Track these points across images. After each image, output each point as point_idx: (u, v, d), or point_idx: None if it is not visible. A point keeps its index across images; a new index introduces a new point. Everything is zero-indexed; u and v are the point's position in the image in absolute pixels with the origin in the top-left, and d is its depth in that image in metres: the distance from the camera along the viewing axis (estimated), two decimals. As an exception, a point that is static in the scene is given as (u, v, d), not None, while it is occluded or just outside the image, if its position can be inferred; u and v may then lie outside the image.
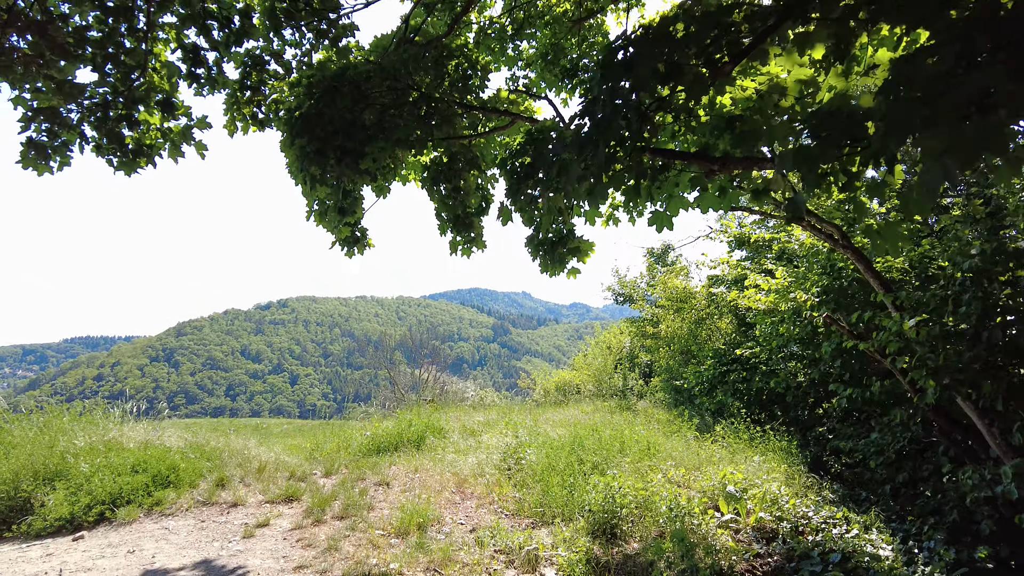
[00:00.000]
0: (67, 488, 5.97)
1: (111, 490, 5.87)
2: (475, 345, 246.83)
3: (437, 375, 45.39)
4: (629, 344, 26.53)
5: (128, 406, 9.52)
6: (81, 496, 5.82)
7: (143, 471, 6.20)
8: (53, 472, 6.25)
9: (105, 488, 5.86)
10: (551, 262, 5.11)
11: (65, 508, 5.70)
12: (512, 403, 25.49)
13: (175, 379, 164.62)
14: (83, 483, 5.99)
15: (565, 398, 25.73)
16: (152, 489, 6.08)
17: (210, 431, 24.37)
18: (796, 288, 9.28)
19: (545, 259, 5.14)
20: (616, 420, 11.36)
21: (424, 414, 11.14)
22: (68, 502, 5.80)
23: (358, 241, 6.48)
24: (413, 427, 9.39)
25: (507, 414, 12.73)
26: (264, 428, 25.51)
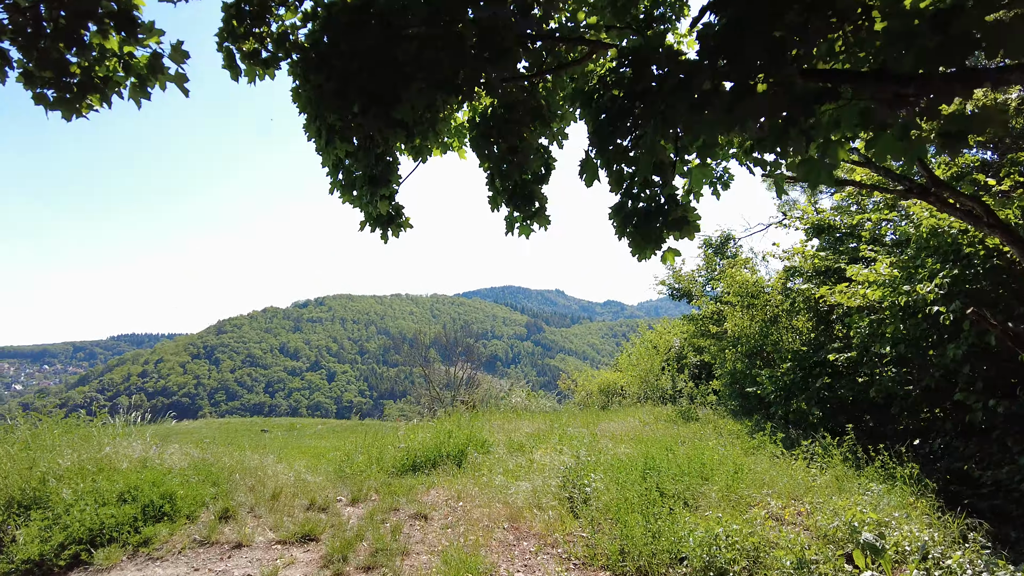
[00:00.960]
0: (43, 520, 4.92)
1: (91, 525, 4.77)
2: (508, 343, 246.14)
3: (472, 373, 44.43)
4: (679, 343, 24.91)
5: (131, 416, 8.53)
6: (55, 532, 4.75)
7: (132, 500, 5.10)
8: (31, 498, 5.22)
9: (84, 522, 4.78)
10: (644, 240, 3.76)
11: (35, 547, 4.64)
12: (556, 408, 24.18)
13: (216, 376, 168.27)
14: (61, 514, 4.93)
15: (608, 400, 24.28)
16: (141, 524, 4.97)
17: (243, 431, 23.70)
18: (905, 279, 7.71)
19: (637, 236, 3.79)
20: (683, 432, 9.93)
21: (464, 423, 9.90)
22: (40, 539, 4.74)
23: (393, 220, 5.22)
24: (453, 439, 8.16)
25: (556, 422, 11.41)
26: (297, 428, 24.76)
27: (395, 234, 5.33)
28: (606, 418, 12.60)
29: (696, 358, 25.32)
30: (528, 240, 5.01)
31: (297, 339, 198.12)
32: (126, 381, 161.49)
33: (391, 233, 5.32)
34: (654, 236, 3.81)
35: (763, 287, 12.15)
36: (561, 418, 11.97)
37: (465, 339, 47.43)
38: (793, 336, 12.13)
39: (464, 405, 24.47)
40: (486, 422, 10.69)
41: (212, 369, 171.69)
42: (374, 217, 5.15)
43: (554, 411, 14.51)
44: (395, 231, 5.31)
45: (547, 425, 10.97)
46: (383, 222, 5.21)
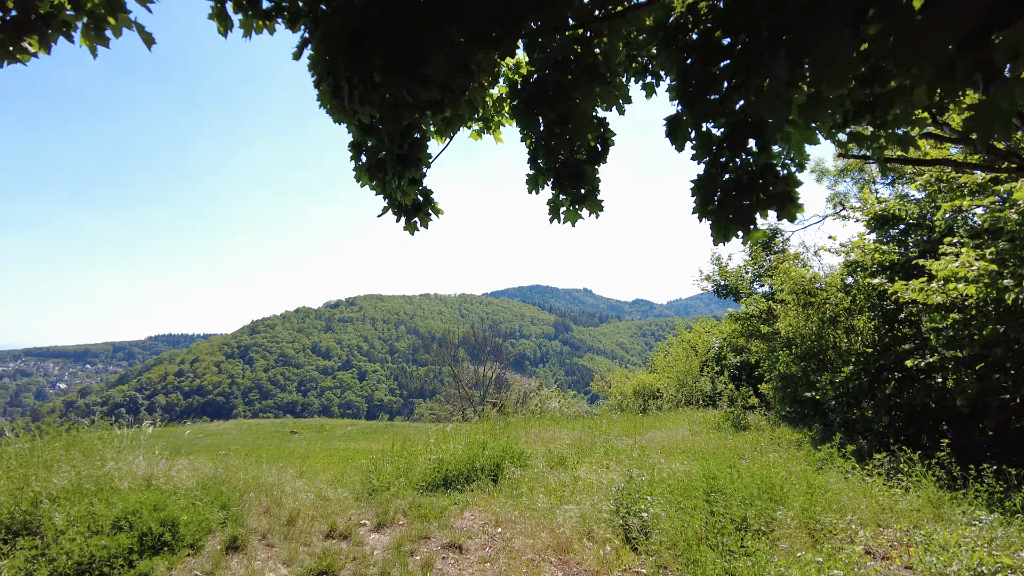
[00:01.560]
0: (31, 549, 4.36)
1: (80, 558, 4.17)
2: (537, 342, 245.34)
3: (500, 373, 43.85)
4: (718, 344, 23.83)
5: (144, 427, 8.02)
6: (41, 566, 4.18)
7: (128, 528, 4.50)
8: (21, 523, 4.68)
9: (73, 554, 4.19)
10: (733, 219, 2.97)
11: (20, 582, 4.09)
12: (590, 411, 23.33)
13: (249, 375, 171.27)
14: (51, 543, 4.37)
15: (644, 403, 23.33)
16: (136, 556, 4.36)
17: (272, 432, 23.45)
18: (1011, 272, 6.70)
19: (723, 215, 3.00)
20: (737, 443, 9.05)
21: (499, 431, 9.17)
22: (25, 572, 4.18)
23: (421, 209, 4.53)
24: (488, 451, 7.44)
25: (596, 430, 10.62)
26: (327, 430, 24.41)
27: (423, 223, 4.62)
28: (649, 425, 11.75)
29: (736, 359, 24.25)
30: (574, 227, 4.24)
31: (329, 338, 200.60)
32: (163, 380, 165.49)
33: (419, 222, 4.61)
34: (744, 215, 3.01)
35: (823, 284, 11.13)
36: (600, 425, 11.17)
37: (493, 338, 46.89)
38: (853, 337, 11.10)
39: (494, 407, 23.84)
40: (521, 430, 9.96)
41: (246, 368, 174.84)
42: (401, 204, 4.46)
43: (591, 416, 13.68)
44: (423, 220, 4.60)
45: (586, 433, 10.18)
46: (410, 211, 4.51)
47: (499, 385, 43.39)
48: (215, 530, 4.93)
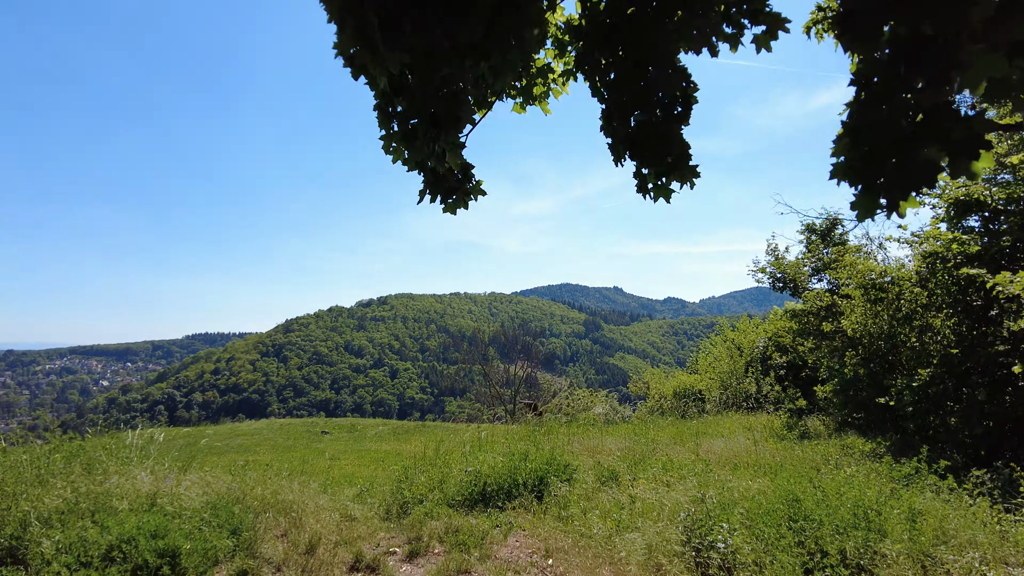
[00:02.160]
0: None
1: (63, 597, 3.59)
2: (567, 341, 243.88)
3: (530, 371, 43.15)
4: (763, 343, 22.64)
5: (149, 432, 7.49)
6: (23, 604, 3.61)
7: (122, 559, 3.87)
8: (7, 549, 4.12)
9: (57, 593, 3.60)
10: (902, 179, 2.15)
11: (-2, 623, 3.52)
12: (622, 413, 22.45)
13: (284, 373, 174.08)
14: (35, 575, 3.78)
15: (685, 406, 22.31)
16: (130, 595, 3.76)
17: (303, 432, 23.14)
18: None
19: (893, 174, 2.18)
20: (807, 454, 8.11)
21: (539, 437, 8.40)
22: (5, 610, 3.62)
23: (460, 185, 3.80)
24: (530, 463, 6.69)
25: (643, 436, 9.78)
26: (358, 430, 24.02)
27: (463, 203, 3.88)
28: (699, 431, 10.84)
29: (782, 359, 23.03)
30: (668, 203, 3.43)
31: (361, 337, 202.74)
32: (200, 378, 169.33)
33: (458, 202, 3.88)
34: (918, 172, 2.19)
35: (890, 278, 10.05)
36: (647, 431, 10.31)
37: (523, 337, 46.26)
38: (929, 336, 10.01)
39: (530, 409, 23.13)
40: (562, 436, 9.18)
41: (280, 367, 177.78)
42: (439, 180, 3.73)
43: (635, 421, 12.81)
44: (463, 200, 3.86)
45: (633, 441, 9.36)
46: (448, 188, 3.78)
47: (529, 384, 42.71)
48: (222, 561, 4.28)
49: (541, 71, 4.64)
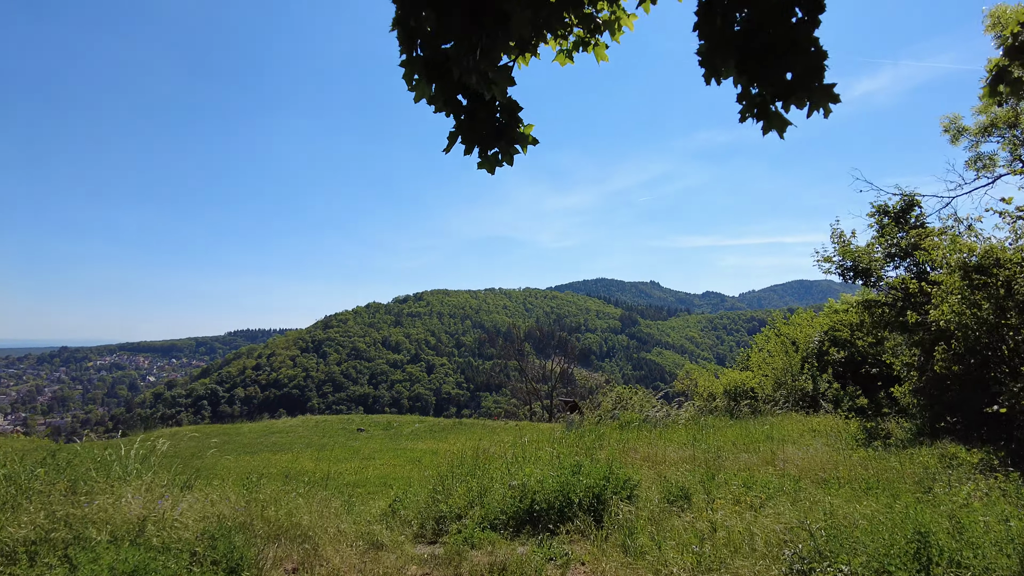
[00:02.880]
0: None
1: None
2: (602, 336, 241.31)
3: (566, 367, 42.25)
4: (820, 338, 21.15)
5: (154, 438, 6.83)
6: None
7: (91, 611, 3.14)
8: (-39, 592, 3.43)
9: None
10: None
11: None
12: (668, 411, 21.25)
13: (323, 368, 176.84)
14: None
15: (736, 405, 21.01)
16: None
17: (338, 429, 22.68)
18: None
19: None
20: (903, 466, 6.96)
21: (589, 443, 7.46)
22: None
23: (504, 134, 2.90)
24: (585, 478, 5.77)
25: (703, 442, 8.74)
26: (395, 427, 23.49)
27: (507, 155, 2.97)
28: (765, 435, 9.72)
29: (839, 354, 21.52)
30: (782, 138, 2.47)
31: (398, 333, 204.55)
32: (241, 374, 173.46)
33: (501, 155, 2.97)
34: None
35: (1000, 258, 8.68)
36: (708, 437, 9.26)
37: (559, 332, 45.48)
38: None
39: (568, 406, 22.09)
40: (614, 442, 8.23)
41: (320, 362, 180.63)
42: (471, 123, 2.84)
43: (692, 423, 11.72)
44: (507, 150, 2.96)
45: (694, 446, 8.34)
46: (488, 130, 2.88)
47: (565, 380, 41.82)
48: (218, 607, 3.51)
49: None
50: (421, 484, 8.55)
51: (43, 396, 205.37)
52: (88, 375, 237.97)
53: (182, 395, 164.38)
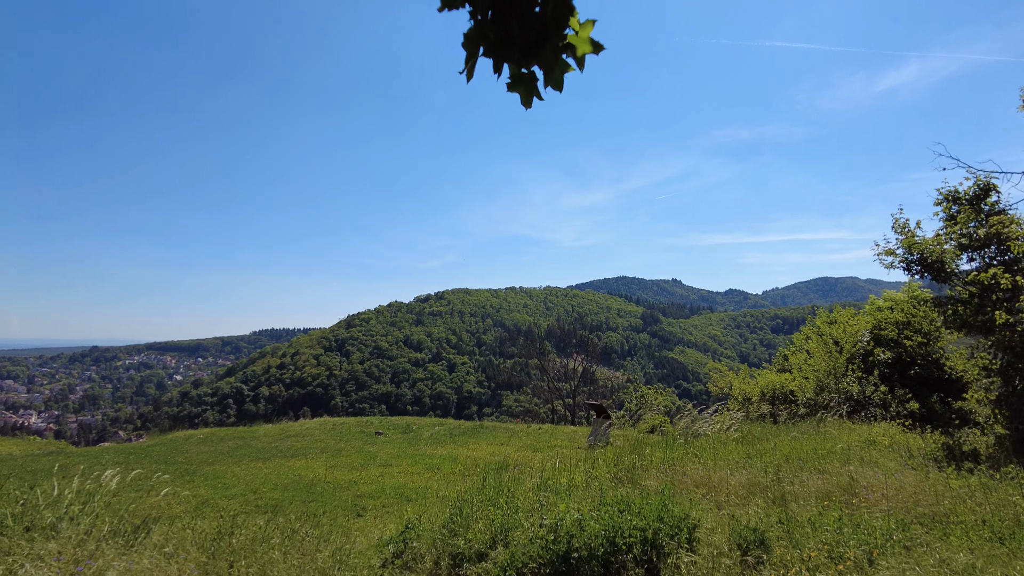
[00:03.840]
0: None
1: None
2: (624, 335, 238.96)
3: (587, 366, 41.11)
4: (867, 337, 19.73)
5: (106, 478, 5.90)
6: None
7: None
8: None
9: None
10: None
11: None
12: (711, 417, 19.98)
13: (346, 367, 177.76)
14: None
15: (774, 408, 19.72)
16: None
17: (356, 433, 21.86)
18: None
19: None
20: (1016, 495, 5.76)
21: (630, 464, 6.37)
22: None
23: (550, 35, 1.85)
24: (634, 517, 4.70)
25: (762, 457, 7.61)
26: (414, 430, 22.63)
27: (551, 78, 1.94)
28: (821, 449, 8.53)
29: (885, 355, 20.09)
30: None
31: (419, 332, 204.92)
32: (266, 373, 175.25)
33: (545, 72, 1.93)
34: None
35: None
36: (764, 454, 8.10)
37: (579, 331, 44.40)
38: None
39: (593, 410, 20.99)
40: (662, 463, 7.13)
41: (343, 361, 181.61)
42: (498, 20, 1.79)
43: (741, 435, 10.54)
44: (553, 66, 1.91)
45: (752, 466, 7.21)
46: (524, 32, 1.83)
47: (586, 379, 40.71)
48: None
49: None
50: (438, 506, 7.53)
51: (75, 394, 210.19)
52: (118, 374, 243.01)
53: (208, 393, 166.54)
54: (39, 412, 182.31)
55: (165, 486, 12.04)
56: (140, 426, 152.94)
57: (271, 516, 9.73)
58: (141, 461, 16.07)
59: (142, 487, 12.53)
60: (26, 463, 15.76)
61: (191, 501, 11.64)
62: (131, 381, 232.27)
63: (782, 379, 19.35)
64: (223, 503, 11.49)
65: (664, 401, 43.73)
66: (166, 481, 11.56)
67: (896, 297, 20.73)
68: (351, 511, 10.90)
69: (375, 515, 10.65)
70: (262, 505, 11.28)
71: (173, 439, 20.82)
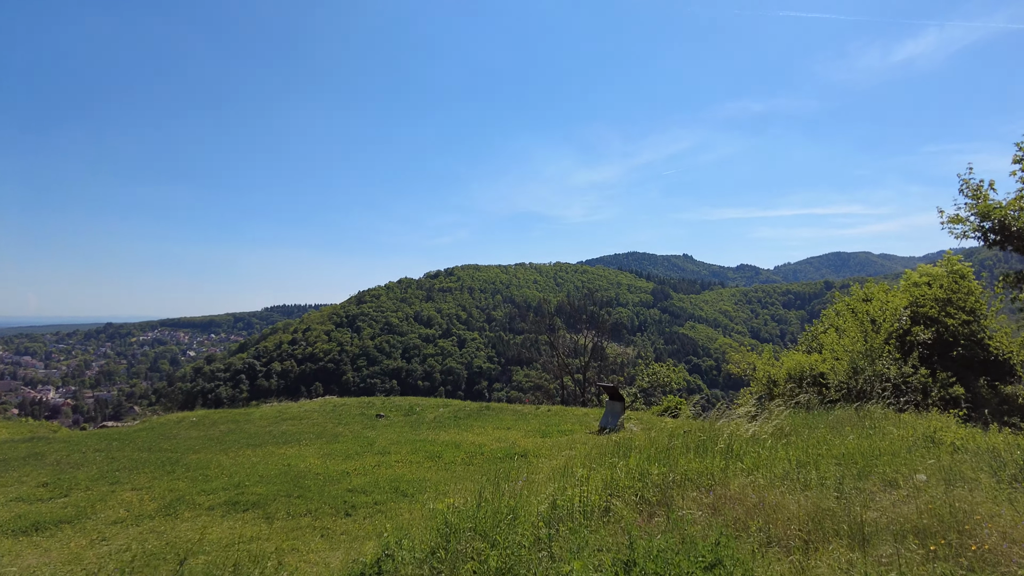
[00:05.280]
0: None
1: None
2: (634, 310, 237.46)
3: (596, 341, 39.94)
4: (907, 314, 18.23)
5: None
6: None
7: None
8: None
9: None
10: None
11: None
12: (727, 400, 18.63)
13: (357, 343, 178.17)
14: None
15: (801, 389, 18.29)
16: None
17: (356, 415, 20.73)
18: None
19: None
20: None
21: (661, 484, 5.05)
22: None
23: None
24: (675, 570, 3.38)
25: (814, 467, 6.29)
26: (417, 412, 21.53)
27: None
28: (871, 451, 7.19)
29: (925, 334, 18.58)
30: None
31: (430, 308, 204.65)
32: (278, 348, 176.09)
33: None
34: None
35: None
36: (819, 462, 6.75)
37: (589, 307, 43.06)
38: None
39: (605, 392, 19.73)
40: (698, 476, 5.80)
41: (354, 337, 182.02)
42: None
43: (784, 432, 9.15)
44: None
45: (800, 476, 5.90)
46: None
47: (596, 354, 39.57)
48: None
49: None
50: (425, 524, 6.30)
51: (91, 370, 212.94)
52: (132, 350, 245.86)
53: (221, 369, 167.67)
54: (56, 388, 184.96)
55: (128, 483, 10.95)
56: (155, 401, 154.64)
57: (250, 513, 8.59)
58: (124, 448, 15.06)
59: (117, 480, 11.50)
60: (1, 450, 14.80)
61: (165, 496, 10.52)
62: (145, 357, 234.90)
63: (811, 360, 17.93)
64: (199, 499, 10.36)
65: (677, 378, 42.50)
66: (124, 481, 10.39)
67: (933, 271, 19.17)
68: (339, 509, 9.77)
69: (365, 515, 9.52)
70: (242, 502, 10.16)
71: (164, 422, 19.83)
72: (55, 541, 8.27)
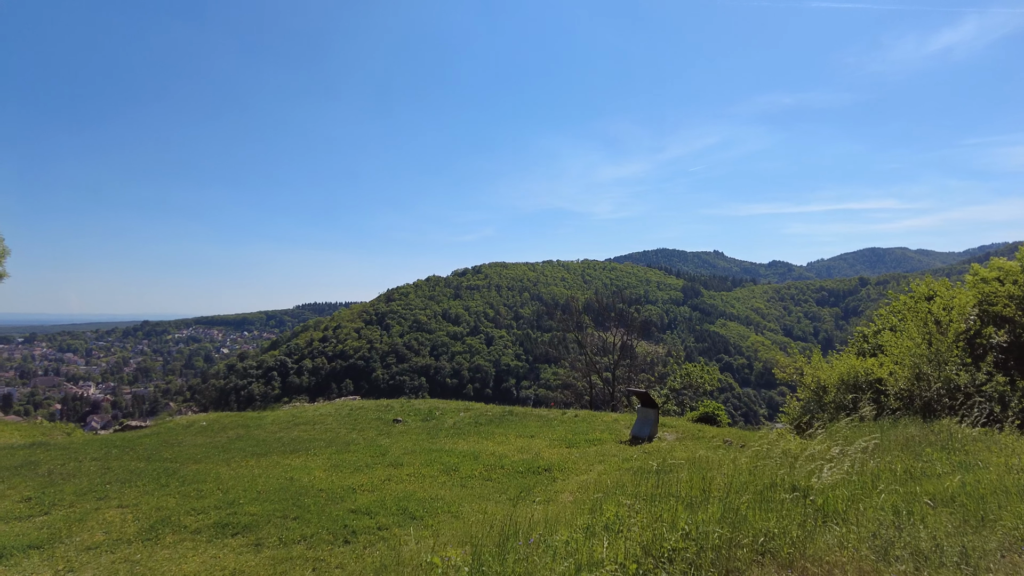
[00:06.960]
0: None
1: None
2: (663, 308, 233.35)
3: (626, 340, 38.34)
4: (975, 313, 16.33)
5: None
6: None
7: None
8: None
9: None
10: None
11: None
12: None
13: (386, 340, 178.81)
14: None
15: (857, 398, 16.49)
16: None
17: (374, 419, 19.57)
18: None
19: None
20: None
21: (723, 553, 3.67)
22: None
23: None
24: None
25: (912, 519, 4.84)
26: (436, 416, 20.34)
27: None
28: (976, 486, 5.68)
29: (1000, 335, 16.61)
30: None
31: (457, 305, 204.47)
32: (309, 346, 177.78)
33: None
34: None
35: None
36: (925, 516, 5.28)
37: (618, 304, 41.50)
38: None
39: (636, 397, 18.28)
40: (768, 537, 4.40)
41: (383, 334, 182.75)
42: None
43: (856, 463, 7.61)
44: None
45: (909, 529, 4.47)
46: None
47: (625, 353, 37.95)
48: None
49: None
50: None
51: (128, 367, 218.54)
52: (168, 347, 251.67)
53: (253, 366, 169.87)
54: (96, 384, 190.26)
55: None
56: (190, 397, 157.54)
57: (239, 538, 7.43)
58: (123, 456, 14.17)
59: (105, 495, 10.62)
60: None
61: (151, 516, 9.47)
62: (180, 354, 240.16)
63: (868, 364, 16.13)
64: (187, 520, 9.27)
65: (710, 379, 40.54)
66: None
67: (1007, 266, 17.16)
68: (338, 535, 8.60)
69: (366, 542, 8.35)
70: (232, 524, 9.03)
71: (172, 427, 19.02)
72: (16, 572, 7.27)
